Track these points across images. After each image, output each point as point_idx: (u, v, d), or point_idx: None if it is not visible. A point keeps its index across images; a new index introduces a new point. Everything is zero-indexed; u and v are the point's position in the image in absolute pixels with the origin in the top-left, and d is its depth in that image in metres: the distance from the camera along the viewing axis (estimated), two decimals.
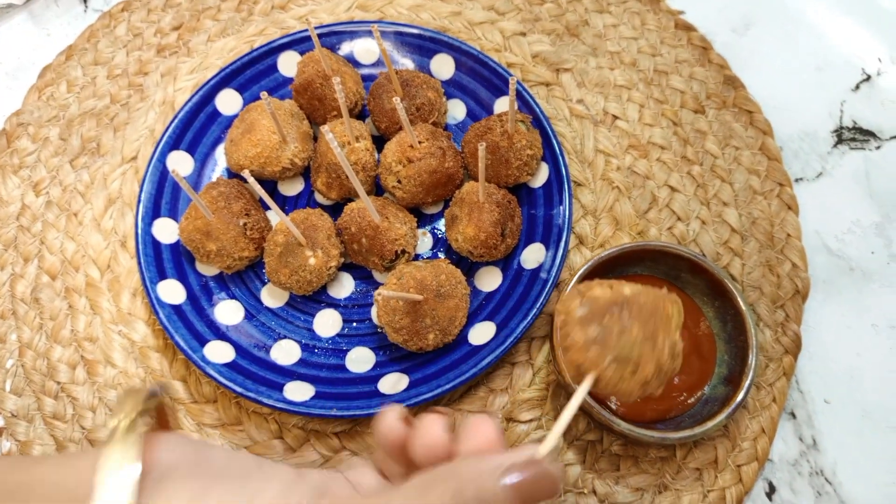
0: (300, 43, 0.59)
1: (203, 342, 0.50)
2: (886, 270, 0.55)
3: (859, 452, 0.50)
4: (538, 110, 0.54)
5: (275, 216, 0.56)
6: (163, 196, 0.55)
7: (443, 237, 0.56)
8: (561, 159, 0.53)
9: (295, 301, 0.54)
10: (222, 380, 0.48)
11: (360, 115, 0.59)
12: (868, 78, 0.62)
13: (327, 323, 0.53)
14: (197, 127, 0.57)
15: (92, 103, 0.63)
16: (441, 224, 0.56)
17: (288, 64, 0.60)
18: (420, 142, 0.51)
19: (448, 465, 0.29)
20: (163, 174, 0.55)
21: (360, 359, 0.52)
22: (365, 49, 0.61)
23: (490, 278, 0.53)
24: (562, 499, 0.48)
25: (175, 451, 0.29)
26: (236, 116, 0.57)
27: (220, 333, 0.52)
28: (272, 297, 0.54)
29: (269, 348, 0.52)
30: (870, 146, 0.60)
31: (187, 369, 0.53)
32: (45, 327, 0.55)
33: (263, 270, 0.54)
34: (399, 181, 0.52)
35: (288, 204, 0.57)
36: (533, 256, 0.52)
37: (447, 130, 0.58)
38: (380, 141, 0.56)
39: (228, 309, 0.53)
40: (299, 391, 0.49)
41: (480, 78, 0.58)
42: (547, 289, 0.49)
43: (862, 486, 0.49)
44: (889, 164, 0.59)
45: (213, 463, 0.30)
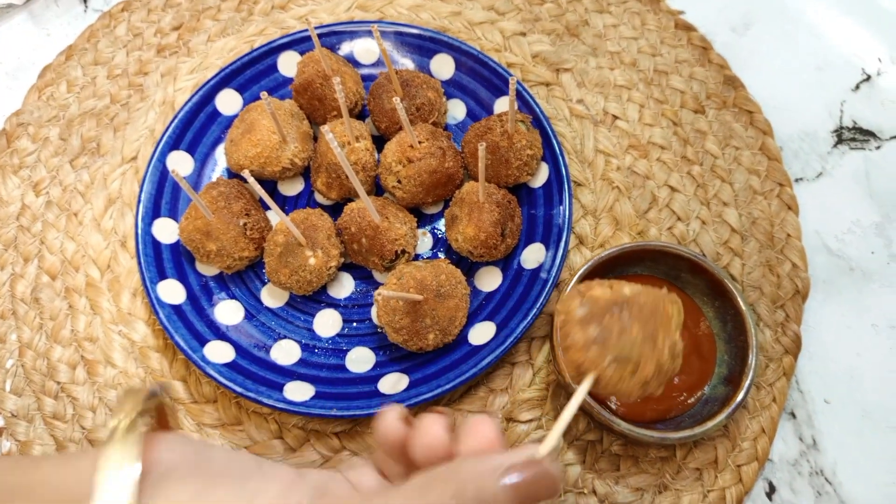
0: (300, 43, 0.59)
1: (203, 342, 0.50)
2: (886, 270, 0.55)
3: (859, 452, 0.50)
4: (538, 110, 0.54)
5: (275, 216, 0.56)
6: (163, 196, 0.55)
7: (443, 237, 0.56)
8: (561, 159, 0.53)
9: (295, 301, 0.54)
10: (222, 380, 0.48)
11: (360, 115, 0.59)
12: (868, 78, 0.62)
13: (327, 323, 0.53)
14: (197, 127, 0.57)
15: (92, 103, 0.63)
16: (441, 224, 0.56)
17: (288, 64, 0.60)
18: (420, 142, 0.51)
19: (448, 465, 0.29)
20: (163, 174, 0.55)
21: (360, 359, 0.52)
22: (365, 49, 0.61)
23: (490, 278, 0.53)
24: (562, 499, 0.48)
25: (175, 452, 0.29)
26: (236, 116, 0.57)
27: (220, 333, 0.52)
28: (272, 297, 0.54)
29: (269, 348, 0.52)
30: (870, 146, 0.60)
31: (187, 369, 0.53)
32: (45, 327, 0.55)
33: (263, 270, 0.54)
34: (399, 181, 0.52)
35: (288, 204, 0.57)
36: (533, 256, 0.52)
37: (447, 130, 0.58)
38: (380, 141, 0.56)
39: (228, 309, 0.53)
40: (299, 391, 0.49)
41: (480, 78, 0.58)
42: (547, 289, 0.49)
43: (862, 486, 0.49)
44: (889, 164, 0.59)
45: (214, 463, 0.30)
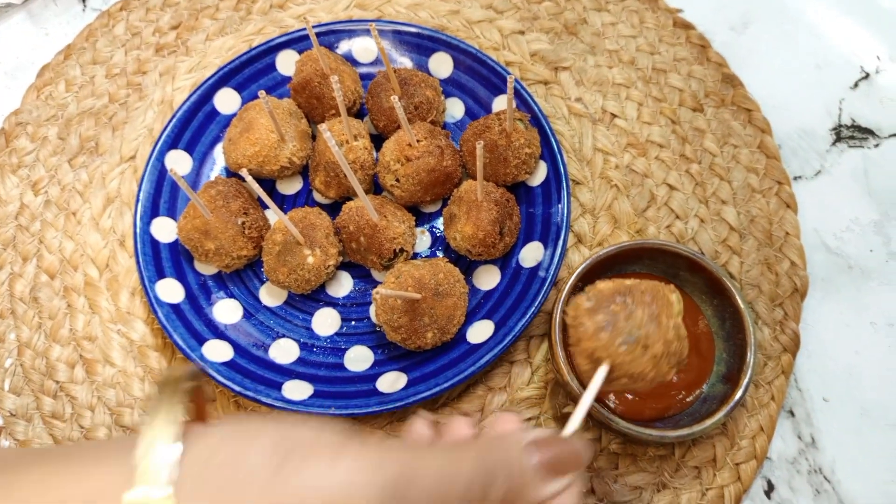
0: (298, 42, 0.59)
1: (202, 341, 0.50)
2: (885, 268, 0.55)
3: (858, 450, 0.50)
4: (536, 109, 0.54)
5: (273, 215, 0.56)
6: (161, 195, 0.55)
7: (441, 236, 0.56)
8: (559, 158, 0.53)
9: (293, 300, 0.54)
10: (221, 378, 0.48)
11: (359, 114, 0.59)
12: (867, 76, 0.62)
13: (326, 322, 0.53)
14: (195, 126, 0.57)
15: (90, 102, 0.63)
16: (439, 223, 0.56)
17: (286, 63, 0.60)
18: (418, 140, 0.51)
19: (474, 438, 0.31)
20: (161, 173, 0.55)
21: (359, 357, 0.52)
22: (363, 48, 0.61)
23: (488, 277, 0.53)
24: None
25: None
26: (235, 115, 0.57)
27: (219, 332, 0.52)
28: (271, 296, 0.54)
29: (268, 347, 0.52)
30: (868, 144, 0.60)
31: None
32: (44, 326, 0.55)
33: (262, 269, 0.54)
34: (397, 180, 0.52)
35: (286, 203, 0.57)
36: (531, 255, 0.52)
37: (445, 129, 0.58)
38: (378, 140, 0.56)
39: (227, 308, 0.53)
40: (298, 390, 0.49)
41: (479, 76, 0.58)
42: (545, 287, 0.49)
43: (860, 484, 0.49)
44: (887, 162, 0.59)
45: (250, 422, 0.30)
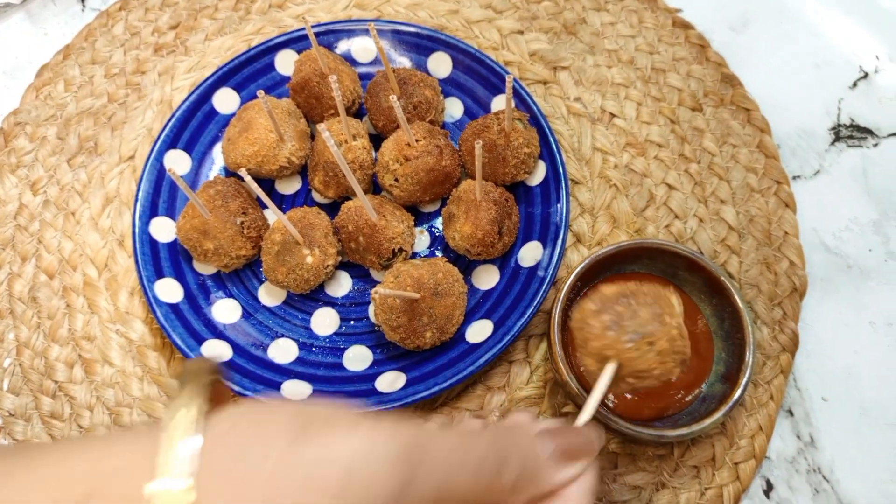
0: (297, 41, 0.59)
1: (200, 341, 0.50)
2: (884, 268, 0.55)
3: (857, 450, 0.50)
4: (535, 108, 0.54)
5: (272, 215, 0.56)
6: (160, 195, 0.55)
7: (440, 235, 0.56)
8: (558, 157, 0.53)
9: (292, 300, 0.54)
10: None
11: (358, 114, 0.59)
12: (865, 76, 0.62)
13: (325, 321, 0.53)
14: (194, 126, 0.57)
15: (89, 102, 0.63)
16: (438, 222, 0.56)
17: (285, 62, 0.60)
18: (417, 140, 0.51)
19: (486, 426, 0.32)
20: (160, 173, 0.55)
21: (358, 357, 0.52)
22: (362, 47, 0.60)
23: (487, 276, 0.53)
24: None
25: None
26: (233, 115, 0.57)
27: (218, 332, 0.52)
28: (270, 296, 0.54)
29: (267, 347, 0.52)
30: (867, 144, 0.60)
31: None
32: (43, 326, 0.55)
33: (261, 269, 0.54)
34: (396, 179, 0.52)
35: (285, 202, 0.57)
36: (530, 254, 0.52)
37: (444, 129, 0.58)
38: (377, 139, 0.56)
39: (226, 308, 0.53)
40: (297, 390, 0.49)
41: (478, 76, 0.58)
42: (544, 287, 0.49)
43: (859, 484, 0.49)
44: (886, 162, 0.59)
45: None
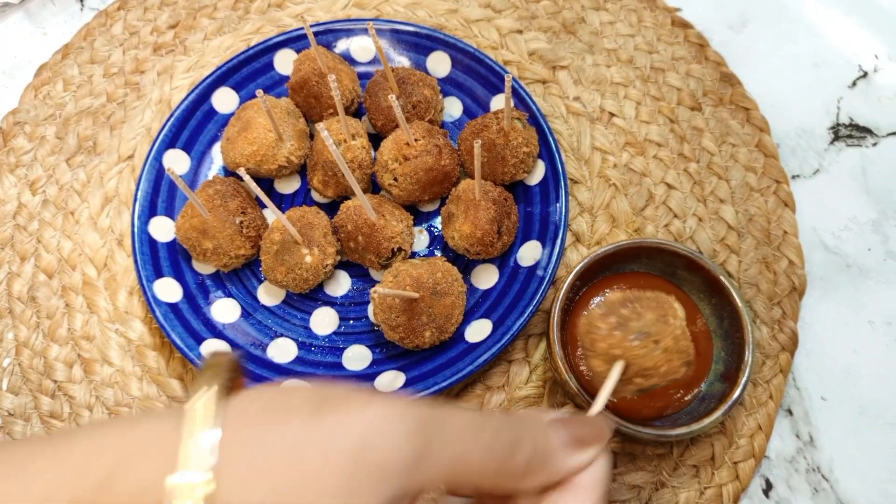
0: (296, 41, 0.59)
1: (200, 340, 0.50)
2: (883, 267, 0.55)
3: (856, 449, 0.50)
4: (534, 108, 0.54)
5: (271, 214, 0.55)
6: (159, 194, 0.55)
7: (439, 235, 0.56)
8: (557, 157, 0.53)
9: (291, 299, 0.54)
10: None
11: (357, 113, 0.59)
12: (865, 75, 0.62)
13: (324, 321, 0.53)
14: (193, 125, 0.57)
15: (88, 102, 0.63)
16: (437, 222, 0.56)
17: (284, 62, 0.60)
18: (416, 139, 0.51)
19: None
20: (159, 172, 0.55)
21: (357, 357, 0.52)
22: (361, 47, 0.60)
23: (486, 276, 0.53)
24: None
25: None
26: (233, 114, 0.57)
27: (217, 331, 0.52)
28: (269, 296, 0.54)
29: (266, 346, 0.52)
30: (866, 143, 0.60)
31: (184, 367, 0.53)
32: (42, 326, 0.55)
33: (260, 268, 0.54)
34: (395, 179, 0.52)
35: (284, 202, 0.57)
36: (529, 254, 0.52)
37: (443, 128, 0.58)
38: (376, 139, 0.56)
39: (225, 307, 0.53)
40: None
41: (477, 75, 0.58)
42: (543, 286, 0.49)
43: (859, 483, 0.49)
44: (886, 161, 0.59)
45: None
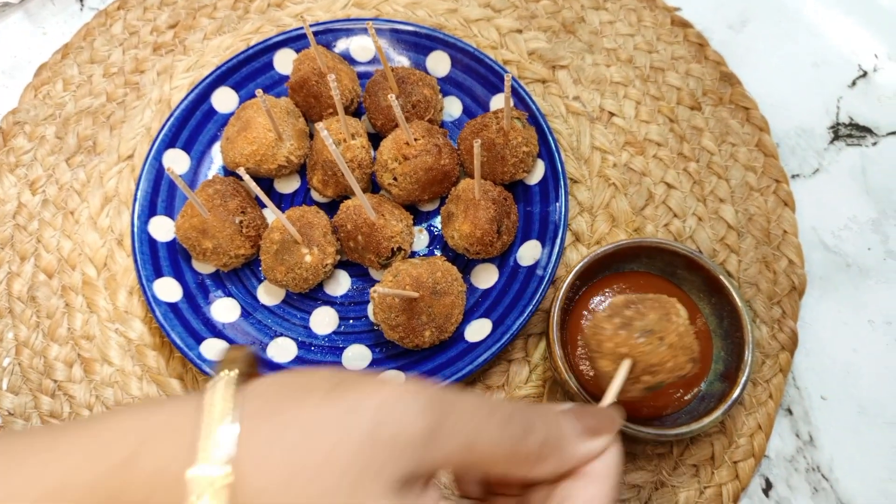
0: (296, 41, 0.59)
1: (199, 340, 0.50)
2: (883, 267, 0.55)
3: (856, 448, 0.50)
4: (534, 107, 0.54)
5: (271, 214, 0.55)
6: (159, 194, 0.55)
7: (439, 234, 0.56)
8: (557, 156, 0.53)
9: (291, 299, 0.54)
10: None
11: (357, 113, 0.59)
12: (864, 74, 0.62)
13: (324, 320, 0.53)
14: (193, 125, 0.57)
15: (88, 101, 0.63)
16: (437, 221, 0.56)
17: (284, 61, 0.60)
18: (416, 139, 0.51)
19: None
20: (159, 172, 0.55)
21: (357, 356, 0.52)
22: (361, 46, 0.60)
23: (486, 275, 0.53)
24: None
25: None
26: (232, 114, 0.57)
27: (217, 331, 0.52)
28: (268, 295, 0.54)
29: (266, 346, 0.52)
30: (866, 142, 0.60)
31: (184, 367, 0.53)
32: (42, 325, 0.55)
33: (260, 268, 0.54)
34: (395, 178, 0.52)
35: (284, 201, 0.57)
36: (529, 253, 0.52)
37: (443, 128, 0.58)
38: (376, 138, 0.56)
39: (225, 307, 0.53)
40: None
41: (476, 75, 0.58)
42: (543, 285, 0.49)
43: (858, 482, 0.49)
44: (885, 161, 0.59)
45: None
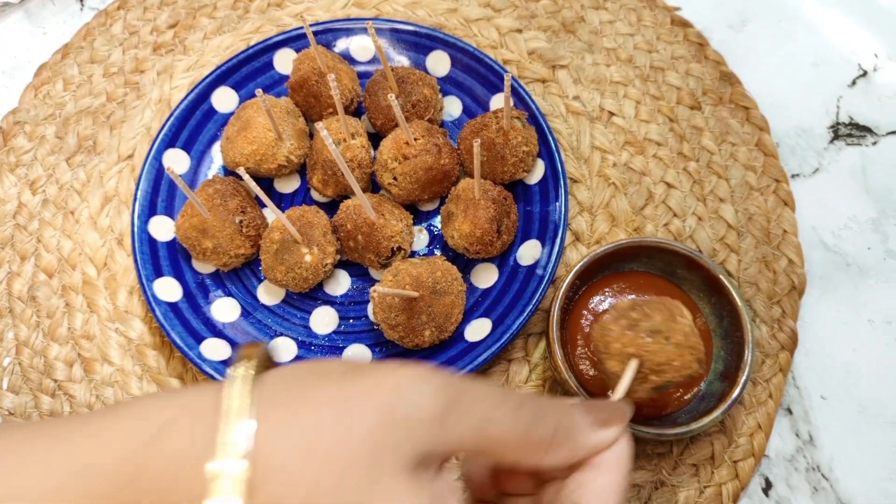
0: (296, 40, 0.59)
1: (199, 339, 0.50)
2: (882, 266, 0.55)
3: (856, 448, 0.50)
4: (534, 107, 0.54)
5: (271, 213, 0.55)
6: (159, 194, 0.55)
7: (439, 234, 0.56)
8: (557, 156, 0.53)
9: (291, 298, 0.54)
10: (219, 377, 0.48)
11: (356, 112, 0.59)
12: (864, 74, 0.62)
13: (324, 320, 0.53)
14: (193, 125, 0.57)
15: (88, 101, 0.63)
16: (437, 221, 0.56)
17: (284, 61, 0.60)
18: (416, 139, 0.51)
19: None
20: (159, 172, 0.55)
21: (357, 356, 0.52)
22: (361, 46, 0.60)
23: (486, 275, 0.53)
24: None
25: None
26: (232, 114, 0.57)
27: (217, 331, 0.52)
28: (268, 295, 0.54)
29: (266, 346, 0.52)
30: (866, 142, 0.60)
31: (184, 367, 0.53)
32: (42, 325, 0.55)
33: (260, 268, 0.54)
34: (395, 178, 0.52)
35: (284, 201, 0.57)
36: (529, 253, 0.52)
37: (443, 127, 0.58)
38: (376, 138, 0.56)
39: (225, 306, 0.53)
40: None
41: (476, 75, 0.58)
42: (543, 285, 0.49)
43: (858, 482, 0.49)
44: (885, 160, 0.59)
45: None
